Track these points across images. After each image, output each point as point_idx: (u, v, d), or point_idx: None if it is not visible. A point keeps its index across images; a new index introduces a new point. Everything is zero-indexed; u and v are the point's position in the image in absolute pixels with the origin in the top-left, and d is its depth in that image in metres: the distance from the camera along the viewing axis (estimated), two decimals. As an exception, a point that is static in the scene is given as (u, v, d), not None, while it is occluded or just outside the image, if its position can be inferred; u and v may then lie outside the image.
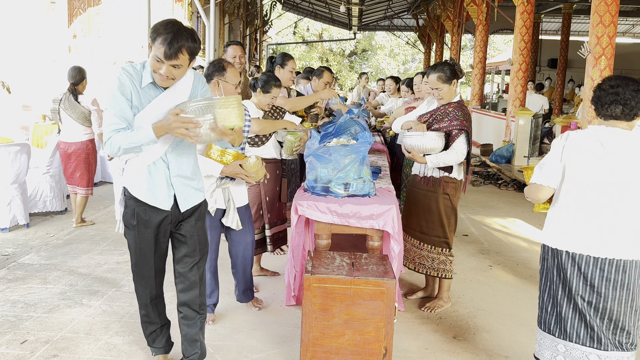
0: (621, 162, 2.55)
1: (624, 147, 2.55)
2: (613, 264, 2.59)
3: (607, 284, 2.60)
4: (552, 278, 2.78)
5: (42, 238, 5.65)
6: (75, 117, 5.97)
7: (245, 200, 3.91)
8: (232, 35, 20.22)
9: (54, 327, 3.69)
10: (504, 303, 4.43)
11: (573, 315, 2.69)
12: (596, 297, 2.62)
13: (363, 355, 3.15)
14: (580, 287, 2.65)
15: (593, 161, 2.58)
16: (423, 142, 3.90)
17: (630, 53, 20.23)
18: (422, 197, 4.11)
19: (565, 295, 2.71)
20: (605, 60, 7.85)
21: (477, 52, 15.22)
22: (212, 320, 3.83)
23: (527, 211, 7.83)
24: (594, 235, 2.60)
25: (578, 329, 2.68)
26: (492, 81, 27.19)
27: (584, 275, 2.63)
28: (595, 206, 2.59)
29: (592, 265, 2.61)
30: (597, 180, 2.58)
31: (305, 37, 38.99)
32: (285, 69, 4.93)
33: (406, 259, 4.23)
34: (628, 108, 2.56)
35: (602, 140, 2.58)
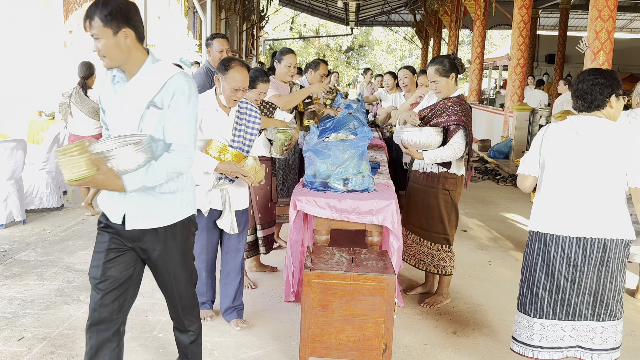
0: (595, 148, 2.70)
1: (597, 134, 2.71)
2: (595, 243, 2.73)
3: (588, 262, 2.75)
4: (534, 261, 2.90)
5: (38, 234, 5.62)
6: (86, 111, 6.20)
7: (246, 203, 3.71)
8: (229, 30, 20.15)
9: (51, 324, 3.66)
10: (504, 299, 4.42)
11: (549, 295, 2.83)
12: (578, 275, 2.77)
13: (363, 351, 3.14)
14: (563, 267, 2.79)
15: (569, 148, 2.75)
16: (420, 137, 3.87)
17: (629, 48, 20.23)
18: (422, 193, 4.08)
19: (544, 276, 2.84)
20: (603, 55, 7.83)
21: (474, 48, 15.19)
22: (210, 316, 3.77)
23: (525, 206, 7.82)
24: (575, 217, 2.74)
25: (554, 306, 2.83)
26: (489, 77, 27.20)
27: (567, 256, 2.77)
28: (574, 190, 2.75)
29: (575, 246, 2.76)
30: (575, 166, 2.74)
31: (302, 32, 38.92)
32: (282, 63, 4.86)
33: (406, 255, 4.21)
34: (587, 101, 2.76)
35: (577, 128, 2.75)
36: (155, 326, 3.69)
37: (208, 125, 3.44)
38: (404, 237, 4.17)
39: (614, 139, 2.70)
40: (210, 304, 3.82)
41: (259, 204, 4.31)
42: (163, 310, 3.93)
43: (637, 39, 24.45)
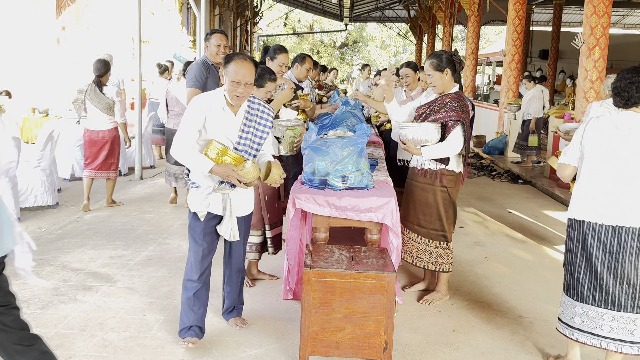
0: (632, 141, 2.92)
1: (636, 129, 2.93)
2: (629, 232, 2.92)
3: (623, 251, 2.94)
4: (574, 248, 3.11)
5: (33, 233, 5.57)
6: (101, 107, 6.35)
7: (250, 208, 3.52)
8: (223, 26, 20.07)
9: (48, 324, 3.62)
10: (502, 295, 4.42)
11: (589, 280, 3.03)
12: (614, 262, 2.95)
13: (363, 349, 3.12)
14: (600, 254, 2.99)
15: (608, 141, 2.96)
16: (418, 133, 3.86)
17: (623, 44, 20.29)
18: (420, 190, 4.06)
19: (584, 262, 3.05)
20: (599, 51, 7.84)
21: (469, 44, 15.18)
22: (193, 343, 3.35)
23: (521, 202, 7.83)
24: (610, 206, 2.95)
25: (593, 292, 3.02)
26: (483, 72, 27.21)
27: (603, 243, 2.98)
28: (611, 180, 2.96)
29: (610, 234, 2.96)
30: (612, 157, 2.95)
31: (296, 28, 38.81)
32: (274, 62, 4.74)
33: (404, 252, 4.18)
34: (624, 99, 3.00)
35: (616, 123, 2.97)
36: (153, 325, 3.66)
37: (213, 125, 3.23)
38: (402, 235, 4.15)
39: None
40: (197, 330, 3.41)
41: (268, 203, 4.21)
42: (161, 309, 3.91)
43: (630, 35, 24.53)
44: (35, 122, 8.93)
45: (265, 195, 4.17)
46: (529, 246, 5.78)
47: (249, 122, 3.31)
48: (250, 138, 3.30)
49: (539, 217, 7.07)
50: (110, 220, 6.13)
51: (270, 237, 4.28)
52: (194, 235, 3.37)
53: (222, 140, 3.23)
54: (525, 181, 9.36)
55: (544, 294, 4.48)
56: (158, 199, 7.15)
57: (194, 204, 3.31)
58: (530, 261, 5.29)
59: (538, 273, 4.96)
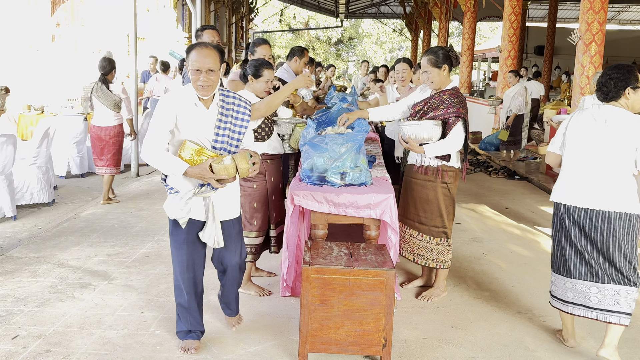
0: (609, 133, 3.18)
1: (612, 121, 3.19)
2: (599, 215, 3.22)
3: (595, 231, 3.24)
4: (558, 228, 3.42)
5: (30, 230, 5.55)
6: (107, 104, 6.49)
7: (236, 212, 3.30)
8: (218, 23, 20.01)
9: (46, 322, 3.61)
10: (500, 291, 4.42)
11: (574, 257, 3.33)
12: (589, 242, 3.27)
13: (362, 346, 3.13)
14: (577, 234, 3.31)
15: (586, 132, 3.26)
16: (419, 131, 3.84)
17: (618, 40, 20.31)
18: (420, 187, 4.05)
19: (567, 241, 3.35)
20: (595, 46, 7.85)
21: (464, 40, 15.18)
22: (195, 348, 3.29)
23: (518, 198, 7.84)
24: (582, 191, 3.26)
25: (580, 267, 3.32)
26: (478, 69, 27.22)
27: (578, 224, 3.29)
28: (585, 167, 3.25)
29: (583, 216, 3.27)
30: (587, 147, 3.24)
31: (292, 25, 38.73)
32: (255, 56, 4.51)
33: (405, 250, 4.18)
34: (604, 93, 3.26)
35: (595, 116, 3.26)
36: (151, 323, 3.65)
37: (185, 124, 3.03)
38: (402, 232, 4.15)
39: (626, 126, 3.15)
40: (198, 334, 3.36)
41: (274, 202, 4.12)
42: (159, 306, 3.90)
43: (626, 30, 24.58)
44: (31, 120, 8.88)
45: (272, 194, 4.10)
46: (527, 242, 5.79)
47: (225, 117, 3.08)
48: (228, 134, 3.08)
49: (536, 212, 7.08)
50: (107, 217, 6.11)
51: (274, 235, 4.21)
52: (176, 244, 3.21)
53: (199, 139, 3.04)
54: (521, 177, 9.37)
55: (541, 289, 4.49)
56: (155, 196, 7.13)
57: (173, 211, 3.09)
58: (527, 257, 5.30)
59: (536, 269, 4.97)
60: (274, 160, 4.11)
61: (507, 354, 3.43)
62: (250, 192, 3.99)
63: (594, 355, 3.43)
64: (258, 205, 4.02)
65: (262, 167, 4.00)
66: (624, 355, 3.45)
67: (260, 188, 4.02)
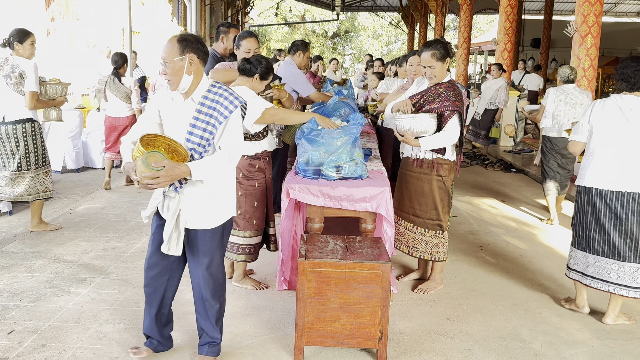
0: (633, 120, 3.53)
1: (637, 110, 3.54)
2: (630, 196, 3.58)
3: (626, 212, 3.59)
4: (584, 210, 3.76)
5: (25, 226, 5.53)
6: (120, 96, 7.06)
7: (209, 223, 2.92)
8: (214, 17, 19.92)
9: (42, 317, 3.60)
10: (496, 283, 4.43)
11: (600, 236, 3.69)
12: (619, 221, 3.61)
13: (359, 338, 3.13)
14: (607, 215, 3.64)
15: (613, 120, 3.59)
16: (415, 124, 3.83)
17: (614, 32, 20.29)
18: (415, 180, 4.04)
19: (595, 221, 3.70)
20: (591, 38, 7.83)
21: (461, 32, 15.14)
22: (138, 354, 3.13)
23: (514, 191, 7.85)
24: (614, 175, 3.60)
25: (603, 245, 3.69)
26: (475, 62, 27.20)
27: (609, 206, 3.64)
28: (614, 153, 3.59)
29: (615, 198, 3.61)
30: (616, 134, 3.58)
31: (288, 18, 38.59)
32: (241, 49, 4.44)
33: (400, 242, 4.18)
34: (630, 83, 3.58)
35: (619, 104, 3.60)
36: (147, 317, 3.64)
37: (165, 118, 2.91)
38: (397, 225, 4.15)
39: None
40: (155, 344, 3.16)
41: (270, 199, 4.08)
42: (155, 300, 3.89)
43: (622, 23, 24.55)
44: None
45: (269, 190, 4.07)
46: (523, 234, 5.80)
47: (201, 115, 2.81)
48: (200, 134, 2.80)
49: (532, 205, 7.09)
50: (102, 212, 6.10)
51: (273, 233, 4.14)
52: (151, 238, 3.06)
53: (176, 135, 2.84)
54: (517, 170, 9.38)
55: (537, 282, 4.50)
56: (151, 191, 7.10)
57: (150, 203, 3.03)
58: (523, 249, 5.31)
59: (531, 261, 4.98)
60: (269, 157, 4.09)
61: (503, 346, 3.44)
62: (252, 191, 3.94)
63: (589, 347, 3.45)
64: (258, 204, 3.98)
65: (262, 165, 3.99)
66: (619, 347, 3.47)
67: (261, 186, 3.99)
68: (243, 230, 3.97)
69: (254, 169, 3.93)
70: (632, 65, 3.57)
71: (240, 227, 3.96)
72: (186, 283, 3.32)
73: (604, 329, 3.70)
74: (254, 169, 3.93)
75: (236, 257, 4.01)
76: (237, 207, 3.80)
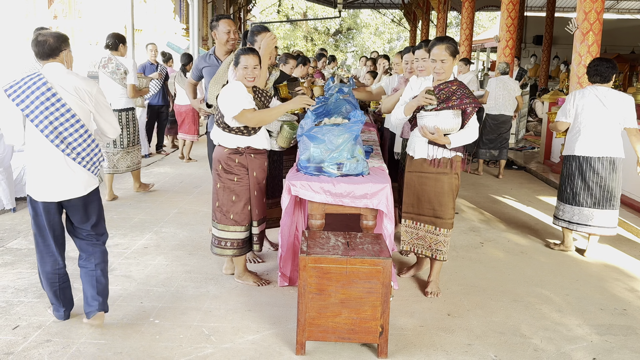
0: (606, 104, 4.78)
1: (607, 96, 4.80)
2: (608, 160, 4.84)
3: (605, 171, 4.85)
4: (572, 173, 4.97)
5: (29, 222, 5.53)
6: (185, 88, 8.29)
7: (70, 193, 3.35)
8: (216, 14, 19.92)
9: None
10: (497, 279, 4.46)
11: (584, 192, 4.92)
12: (600, 179, 4.86)
13: (360, 334, 3.16)
14: (591, 175, 4.88)
15: (593, 105, 4.83)
16: (442, 122, 3.68)
17: (616, 29, 20.25)
18: (433, 182, 3.91)
19: (581, 181, 4.92)
20: (593, 35, 7.83)
21: (463, 30, 15.14)
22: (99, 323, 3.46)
23: (515, 188, 7.87)
24: (596, 145, 4.83)
25: (586, 198, 4.93)
26: (477, 59, 27.16)
27: (593, 168, 4.87)
28: (595, 129, 4.82)
29: (597, 162, 4.86)
30: (595, 115, 4.81)
31: (290, 15, 38.56)
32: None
33: (421, 247, 4.05)
34: (604, 77, 4.84)
35: (596, 93, 4.84)
36: (151, 313, 3.68)
37: None
38: (415, 230, 4.06)
39: (615, 99, 4.78)
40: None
41: (257, 199, 4.03)
42: (158, 296, 3.93)
43: (624, 20, 24.50)
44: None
45: (254, 190, 4.01)
46: (524, 231, 5.82)
47: None
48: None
49: (533, 202, 7.11)
50: (106, 209, 6.06)
51: (256, 233, 4.09)
52: None
53: None
54: (519, 167, 9.40)
55: (537, 278, 4.52)
56: (154, 188, 7.15)
57: None
58: (524, 246, 5.33)
59: (532, 258, 5.01)
60: (258, 155, 4.00)
61: (503, 341, 3.47)
62: (230, 185, 3.94)
63: (588, 342, 3.47)
64: (237, 200, 3.95)
65: (244, 160, 3.93)
66: (619, 342, 3.50)
67: (242, 182, 3.95)
68: (219, 223, 4.01)
69: (233, 163, 3.92)
70: (603, 64, 4.81)
71: (217, 219, 4.00)
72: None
73: (604, 324, 3.73)
74: (233, 163, 3.91)
75: (216, 250, 4.06)
76: (216, 199, 4.02)
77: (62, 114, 3.18)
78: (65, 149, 3.22)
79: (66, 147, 3.22)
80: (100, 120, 3.39)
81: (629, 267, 4.86)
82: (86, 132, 3.27)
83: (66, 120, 3.19)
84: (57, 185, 3.26)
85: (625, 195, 6.84)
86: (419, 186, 3.99)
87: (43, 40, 3.24)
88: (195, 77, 5.02)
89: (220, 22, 4.67)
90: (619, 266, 4.88)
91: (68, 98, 3.21)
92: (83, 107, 3.26)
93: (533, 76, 19.06)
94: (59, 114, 3.17)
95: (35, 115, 3.15)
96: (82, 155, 3.27)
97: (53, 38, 3.27)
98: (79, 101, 3.23)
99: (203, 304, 3.82)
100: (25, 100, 3.15)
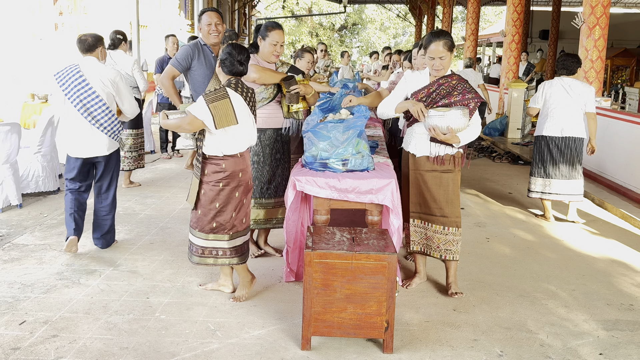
0: (570, 92, 5.66)
1: (572, 86, 5.69)
2: (571, 139, 5.75)
3: (568, 149, 5.76)
4: (542, 150, 5.86)
5: (35, 218, 5.60)
6: None
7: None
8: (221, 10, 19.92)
9: (52, 307, 3.66)
10: (503, 275, 4.45)
11: (553, 167, 5.80)
12: (563, 155, 5.77)
13: (365, 329, 3.16)
14: (558, 153, 5.78)
15: (559, 93, 5.72)
16: (452, 121, 3.60)
17: (623, 23, 20.12)
18: (439, 180, 3.85)
19: (550, 157, 5.81)
20: (599, 30, 7.80)
21: (469, 24, 15.10)
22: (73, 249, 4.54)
23: (522, 183, 7.84)
24: (561, 127, 5.75)
25: (555, 171, 5.80)
26: (483, 53, 27.07)
27: (558, 146, 5.78)
28: (561, 114, 5.72)
29: (561, 141, 5.77)
30: (561, 102, 5.71)
31: (295, 11, 38.52)
32: (267, 41, 4.31)
33: (429, 248, 3.97)
34: (569, 70, 5.74)
35: (562, 84, 5.73)
36: (157, 308, 3.69)
37: None
38: (424, 230, 3.98)
39: (578, 88, 5.67)
40: None
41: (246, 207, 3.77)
42: (164, 292, 3.94)
43: (630, 14, 24.34)
44: (35, 108, 8.90)
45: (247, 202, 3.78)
46: (530, 226, 5.81)
47: None
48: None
49: (539, 197, 7.08)
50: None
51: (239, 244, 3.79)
52: None
53: None
54: (525, 162, 9.37)
55: (544, 273, 4.51)
56: (159, 184, 7.17)
57: None
58: (530, 241, 5.32)
59: (538, 253, 4.99)
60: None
61: (509, 337, 3.46)
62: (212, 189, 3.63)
63: (595, 337, 3.46)
64: (221, 206, 3.64)
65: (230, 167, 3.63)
66: (625, 338, 3.48)
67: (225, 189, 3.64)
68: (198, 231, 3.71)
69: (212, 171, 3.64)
70: (570, 58, 5.72)
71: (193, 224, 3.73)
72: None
73: (610, 320, 3.72)
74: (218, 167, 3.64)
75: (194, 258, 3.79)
76: (199, 204, 3.67)
77: (89, 94, 4.33)
78: (91, 120, 4.36)
79: (92, 119, 4.37)
80: (119, 102, 4.52)
81: (636, 263, 4.83)
82: (107, 108, 4.39)
83: (92, 100, 4.33)
84: (87, 145, 4.43)
85: (632, 191, 6.82)
86: (422, 184, 3.91)
87: (84, 39, 4.44)
88: (182, 68, 4.60)
89: (203, 15, 4.65)
90: (625, 262, 4.86)
91: (95, 83, 4.35)
92: (106, 91, 4.39)
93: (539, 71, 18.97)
94: (86, 95, 4.32)
95: (70, 95, 4.33)
96: (104, 125, 4.40)
97: (91, 37, 4.46)
98: (103, 86, 4.36)
99: (209, 299, 3.83)
100: (65, 84, 4.33)
